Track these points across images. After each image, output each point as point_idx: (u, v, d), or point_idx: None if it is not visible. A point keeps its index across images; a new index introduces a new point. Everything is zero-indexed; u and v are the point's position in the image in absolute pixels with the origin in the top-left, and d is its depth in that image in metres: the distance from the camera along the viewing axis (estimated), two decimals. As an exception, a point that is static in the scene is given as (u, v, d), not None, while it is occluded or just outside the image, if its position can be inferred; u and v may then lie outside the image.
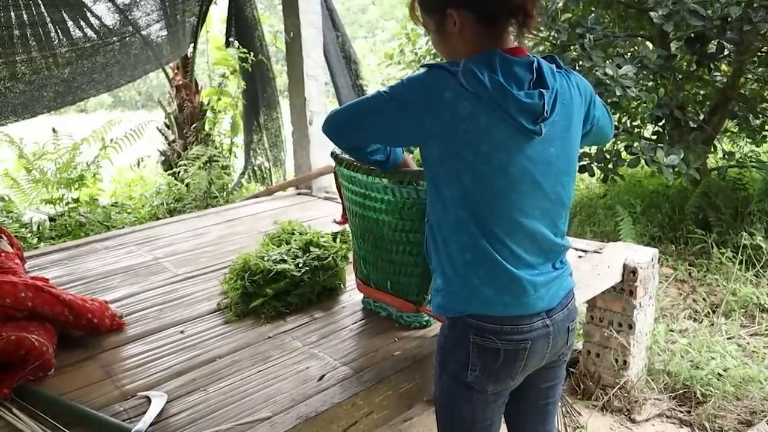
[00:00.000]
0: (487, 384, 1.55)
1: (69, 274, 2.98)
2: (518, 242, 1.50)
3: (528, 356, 1.54)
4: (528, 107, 1.40)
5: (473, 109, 1.39)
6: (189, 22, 5.76)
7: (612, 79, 3.80)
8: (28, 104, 4.65)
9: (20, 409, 1.76)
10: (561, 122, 1.49)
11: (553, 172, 1.50)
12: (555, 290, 1.58)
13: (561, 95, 1.48)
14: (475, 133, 1.41)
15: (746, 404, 2.89)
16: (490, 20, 1.46)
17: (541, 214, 1.52)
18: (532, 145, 1.44)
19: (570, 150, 1.55)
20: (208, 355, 2.09)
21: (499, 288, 1.50)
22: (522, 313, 1.51)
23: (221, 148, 6.82)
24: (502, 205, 1.47)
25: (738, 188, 5.10)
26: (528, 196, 1.48)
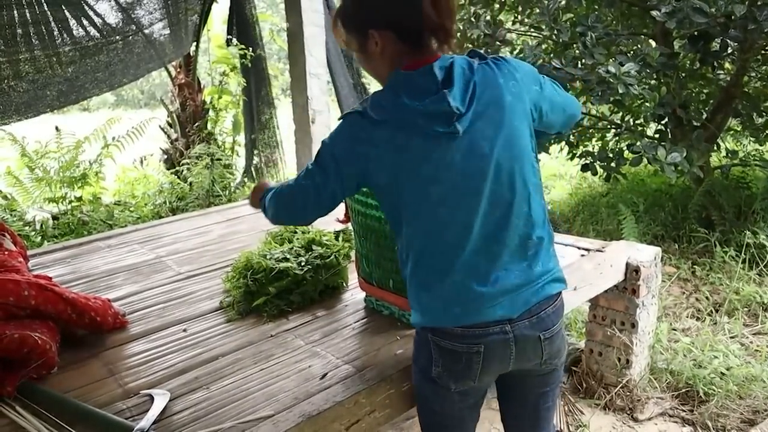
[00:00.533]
0: (448, 381, 1.60)
1: (72, 272, 2.99)
2: (463, 248, 1.50)
3: (485, 360, 1.54)
4: (435, 113, 1.44)
5: (388, 135, 1.48)
6: (191, 20, 5.77)
7: (614, 77, 3.78)
8: (31, 103, 4.65)
9: (23, 407, 1.77)
10: (489, 112, 1.47)
11: (499, 167, 1.48)
12: (521, 300, 1.52)
13: (481, 86, 1.47)
14: (398, 154, 1.48)
15: (749, 403, 2.88)
16: (411, 40, 1.50)
17: (494, 215, 1.50)
18: (455, 146, 1.46)
19: (512, 135, 1.49)
20: (211, 353, 2.09)
21: (448, 302, 1.53)
22: (473, 322, 1.52)
23: (223, 147, 6.83)
24: (441, 214, 1.49)
25: (741, 187, 5.09)
26: (470, 197, 1.48)
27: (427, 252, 1.54)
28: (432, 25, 1.48)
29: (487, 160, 1.47)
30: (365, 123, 1.50)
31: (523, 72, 1.57)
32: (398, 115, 1.47)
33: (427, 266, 1.55)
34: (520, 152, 1.52)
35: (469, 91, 1.46)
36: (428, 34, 1.49)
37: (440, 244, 1.51)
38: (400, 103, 1.46)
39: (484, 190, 1.48)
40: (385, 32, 1.49)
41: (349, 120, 1.55)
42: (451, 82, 1.46)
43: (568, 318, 3.75)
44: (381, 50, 1.52)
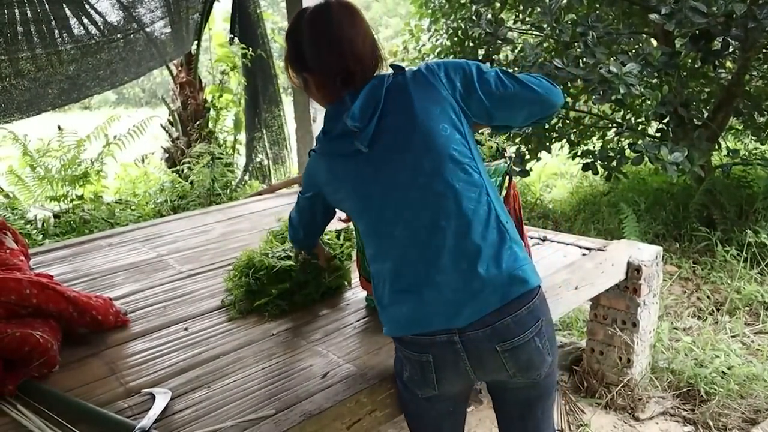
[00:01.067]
0: (415, 387, 1.63)
1: (73, 271, 2.99)
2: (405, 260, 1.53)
3: (437, 369, 1.53)
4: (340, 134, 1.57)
5: (327, 164, 1.66)
6: (192, 19, 5.77)
7: (616, 76, 3.78)
8: (33, 101, 4.65)
9: (25, 406, 1.77)
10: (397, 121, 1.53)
11: (416, 173, 1.50)
12: (468, 305, 1.47)
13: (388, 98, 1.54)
14: (335, 180, 1.66)
15: (750, 402, 2.88)
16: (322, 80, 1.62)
17: (419, 219, 1.50)
18: (367, 160, 1.54)
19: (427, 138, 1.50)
20: (212, 352, 2.09)
21: (395, 311, 1.55)
22: (417, 332, 1.52)
23: (225, 146, 6.83)
24: (381, 228, 1.57)
25: (743, 186, 5.08)
26: (401, 209, 1.52)
27: (378, 263, 1.61)
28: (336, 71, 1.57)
29: (401, 168, 1.51)
30: (315, 159, 1.71)
31: (442, 74, 1.57)
32: (325, 145, 1.65)
33: (378, 277, 1.61)
34: (438, 154, 1.50)
35: (371, 106, 1.52)
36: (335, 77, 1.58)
37: (384, 255, 1.58)
38: (323, 135, 1.65)
39: (406, 199, 1.51)
40: (311, 75, 1.63)
41: (310, 159, 1.75)
42: (352, 104, 1.54)
43: (569, 317, 3.75)
44: (316, 87, 1.64)
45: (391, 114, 1.53)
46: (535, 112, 1.66)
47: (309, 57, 1.60)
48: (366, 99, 1.53)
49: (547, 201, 6.45)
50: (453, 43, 5.92)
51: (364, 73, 1.58)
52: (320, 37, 1.57)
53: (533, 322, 1.50)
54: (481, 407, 3.00)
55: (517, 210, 2.15)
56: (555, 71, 4.03)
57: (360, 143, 1.52)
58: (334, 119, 1.60)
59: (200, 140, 6.65)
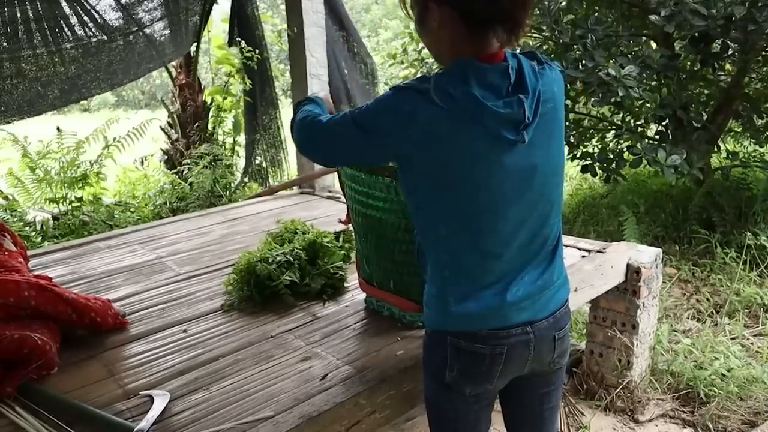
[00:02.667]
0: (464, 386, 1.56)
1: (72, 272, 2.98)
2: (503, 256, 1.48)
3: (506, 362, 1.52)
4: (506, 117, 1.35)
5: (450, 126, 1.35)
6: (192, 21, 5.77)
7: (615, 79, 3.79)
8: (33, 102, 4.65)
9: (23, 408, 1.77)
10: (545, 123, 1.43)
11: (540, 176, 1.45)
12: (543, 303, 1.53)
13: (544, 95, 1.41)
14: (455, 150, 1.37)
15: (750, 405, 2.88)
16: (473, 22, 1.37)
17: (530, 223, 1.49)
18: (514, 153, 1.39)
19: (556, 149, 1.50)
20: (211, 354, 2.09)
21: (476, 306, 1.49)
22: (499, 326, 1.50)
23: (224, 147, 6.83)
24: (485, 220, 1.44)
25: (742, 188, 5.09)
26: (513, 206, 1.44)
27: (463, 256, 1.48)
28: (503, 15, 1.37)
29: (535, 171, 1.44)
30: (427, 106, 1.35)
31: (563, 83, 1.55)
32: (467, 108, 1.34)
33: (460, 270, 1.49)
34: (560, 168, 1.54)
35: (534, 100, 1.38)
36: (493, 21, 1.37)
37: (478, 249, 1.46)
38: (472, 96, 1.33)
39: (526, 201, 1.46)
40: (445, 8, 1.37)
41: (407, 97, 1.38)
42: (524, 88, 1.37)
43: (569, 319, 3.75)
44: (438, 27, 1.40)
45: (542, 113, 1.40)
46: None
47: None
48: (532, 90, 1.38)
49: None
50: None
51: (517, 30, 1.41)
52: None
53: (569, 312, 1.66)
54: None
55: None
56: (554, 73, 4.03)
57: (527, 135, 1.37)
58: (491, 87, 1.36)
59: (200, 142, 6.65)
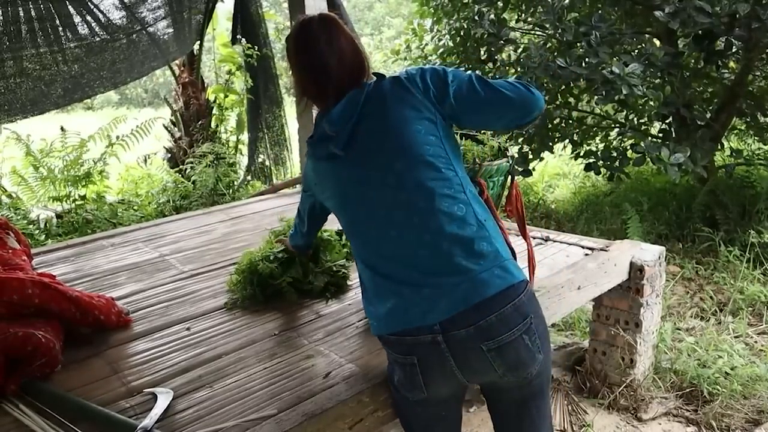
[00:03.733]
0: (404, 390, 1.62)
1: (76, 270, 2.99)
2: (387, 260, 1.55)
3: (423, 371, 1.52)
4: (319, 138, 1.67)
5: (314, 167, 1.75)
6: (195, 19, 5.77)
7: (618, 77, 3.77)
8: (36, 101, 4.65)
9: (27, 405, 1.77)
10: (372, 125, 1.59)
11: (383, 171, 1.56)
12: (446, 302, 1.46)
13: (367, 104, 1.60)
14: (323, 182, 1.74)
15: (754, 403, 2.87)
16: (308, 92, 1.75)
17: (392, 217, 1.54)
18: (344, 163, 1.62)
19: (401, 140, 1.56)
20: (214, 352, 2.09)
21: (379, 307, 1.56)
22: (401, 329, 1.52)
23: (227, 146, 6.83)
24: (360, 228, 1.64)
25: (746, 186, 5.07)
26: (372, 207, 1.58)
27: (359, 261, 1.65)
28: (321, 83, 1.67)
29: (373, 169, 1.57)
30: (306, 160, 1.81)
31: (418, 78, 1.62)
32: (310, 149, 1.73)
33: (362, 274, 1.65)
34: (410, 155, 1.55)
35: (348, 112, 1.60)
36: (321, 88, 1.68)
37: (363, 253, 1.63)
38: (309, 139, 1.74)
39: (378, 198, 1.56)
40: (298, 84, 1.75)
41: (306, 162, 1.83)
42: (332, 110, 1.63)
43: (572, 317, 3.75)
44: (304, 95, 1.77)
45: (367, 119, 1.60)
46: (511, 117, 1.68)
47: (294, 69, 1.72)
48: (345, 105, 1.62)
49: (549, 201, 6.44)
50: (455, 43, 5.91)
51: (341, 84, 1.65)
52: (301, 53, 1.68)
53: (521, 319, 1.48)
54: (484, 407, 2.99)
55: (520, 209, 2.14)
56: (558, 71, 4.03)
57: (335, 147, 1.61)
58: (318, 125, 1.69)
59: (203, 140, 6.66)
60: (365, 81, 1.66)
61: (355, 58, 1.67)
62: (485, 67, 5.63)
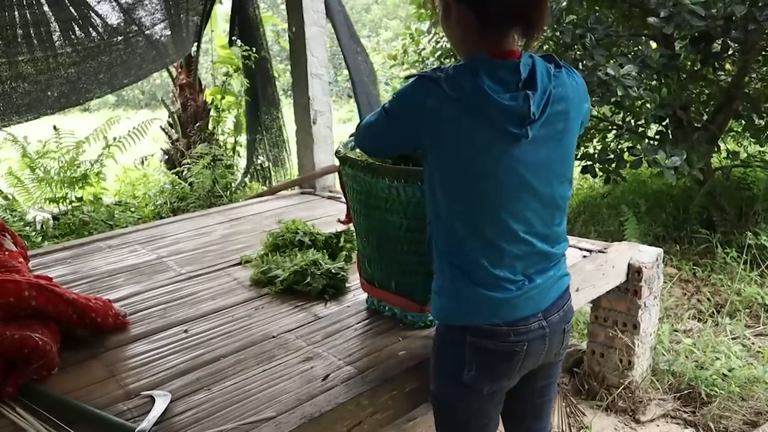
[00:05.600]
0: (482, 384, 1.57)
1: (73, 272, 2.98)
2: (508, 246, 1.50)
3: (525, 357, 1.55)
4: (511, 110, 1.39)
5: (456, 114, 1.42)
6: (193, 21, 5.76)
7: (614, 78, 3.78)
8: (32, 105, 4.64)
9: (24, 408, 1.76)
10: (554, 123, 1.46)
11: (545, 173, 1.49)
12: (547, 292, 1.57)
13: (555, 96, 1.44)
14: (460, 137, 1.43)
15: (751, 405, 2.88)
16: (487, 20, 1.44)
17: (533, 217, 1.51)
18: (520, 147, 1.43)
19: (565, 151, 1.53)
20: (212, 354, 2.09)
21: (487, 294, 1.50)
22: (515, 317, 1.52)
23: (225, 147, 6.82)
24: (490, 209, 1.48)
25: (742, 188, 5.08)
26: (518, 199, 1.48)
27: (467, 243, 1.50)
28: (516, 15, 1.43)
29: (543, 169, 1.49)
30: (436, 94, 1.43)
31: (582, 86, 1.57)
32: (474, 99, 1.40)
33: (468, 259, 1.51)
34: (568, 170, 1.57)
35: (544, 99, 1.42)
36: (507, 21, 1.43)
37: (480, 237, 1.49)
38: (480, 88, 1.39)
39: (530, 196, 1.49)
40: (464, 7, 1.45)
41: (421, 85, 1.47)
42: (533, 85, 1.42)
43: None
44: (457, 23, 1.49)
45: (552, 113, 1.44)
46: None
47: None
48: (542, 88, 1.42)
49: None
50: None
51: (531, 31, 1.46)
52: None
53: (571, 307, 1.69)
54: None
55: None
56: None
57: (531, 131, 1.41)
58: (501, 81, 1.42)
59: (200, 142, 6.65)
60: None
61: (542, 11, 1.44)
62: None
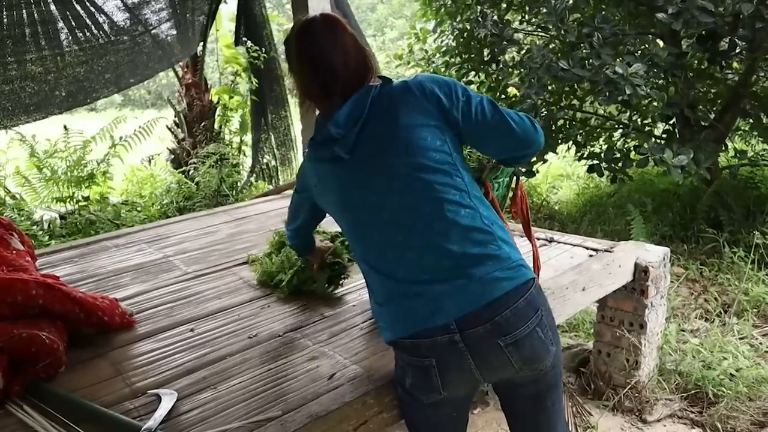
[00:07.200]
0: (419, 394, 1.60)
1: (80, 271, 2.99)
2: (394, 261, 1.55)
3: (440, 372, 1.52)
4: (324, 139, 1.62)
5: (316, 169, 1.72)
6: (198, 20, 5.77)
7: (621, 77, 3.77)
8: (40, 104, 4.66)
9: (31, 407, 1.77)
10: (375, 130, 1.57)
11: (387, 174, 1.55)
12: (458, 301, 1.47)
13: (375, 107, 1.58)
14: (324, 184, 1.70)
15: (759, 405, 2.86)
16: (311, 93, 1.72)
17: (399, 222, 1.54)
18: (348, 166, 1.59)
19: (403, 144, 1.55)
20: (219, 353, 2.09)
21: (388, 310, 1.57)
22: (413, 331, 1.51)
23: (231, 147, 6.84)
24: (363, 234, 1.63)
25: (750, 187, 5.06)
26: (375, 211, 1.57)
27: (365, 265, 1.64)
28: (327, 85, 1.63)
29: (378, 173, 1.57)
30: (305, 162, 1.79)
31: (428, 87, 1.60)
32: (312, 151, 1.70)
33: (370, 280, 1.65)
34: (414, 160, 1.55)
35: (356, 114, 1.57)
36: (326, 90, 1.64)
37: (368, 257, 1.62)
38: (311, 141, 1.71)
39: (382, 203, 1.56)
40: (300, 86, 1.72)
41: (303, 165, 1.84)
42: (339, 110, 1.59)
43: (576, 318, 3.74)
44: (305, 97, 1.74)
45: (373, 122, 1.58)
46: (510, 147, 1.71)
47: (296, 70, 1.69)
48: (351, 108, 1.59)
49: (553, 202, 6.43)
50: (458, 44, 5.91)
51: (347, 85, 1.62)
52: (304, 53, 1.65)
53: (533, 312, 1.51)
54: (488, 409, 2.99)
55: (525, 210, 2.14)
56: (561, 72, 4.02)
57: (340, 150, 1.58)
58: (321, 126, 1.67)
59: (206, 141, 6.67)
60: (370, 82, 1.64)
61: (360, 58, 1.64)
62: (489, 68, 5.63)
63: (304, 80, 1.68)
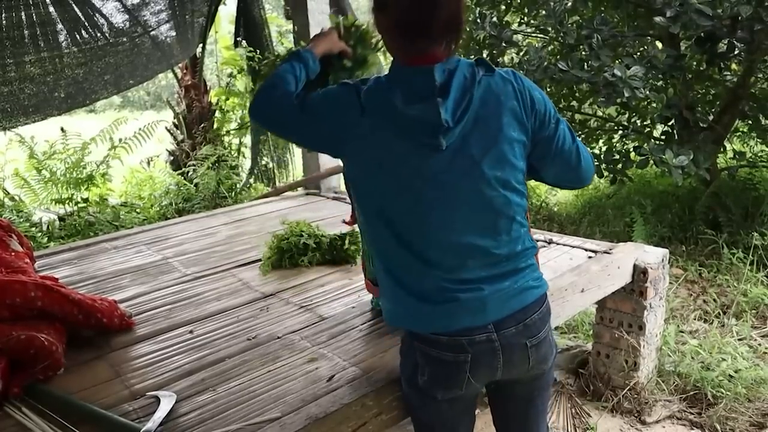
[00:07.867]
0: (435, 390, 1.59)
1: (79, 273, 2.99)
2: (437, 256, 1.49)
3: (472, 368, 1.53)
4: (423, 119, 1.41)
5: (372, 126, 1.46)
6: (198, 22, 5.77)
7: (621, 79, 3.77)
8: (39, 106, 4.65)
9: (30, 408, 1.77)
10: (480, 130, 1.44)
11: (475, 181, 1.45)
12: (499, 303, 1.50)
13: (479, 101, 1.43)
14: (377, 150, 1.47)
15: (758, 406, 2.86)
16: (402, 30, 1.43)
17: (464, 227, 1.48)
18: (437, 156, 1.43)
19: (498, 155, 1.46)
20: (218, 355, 2.09)
21: (420, 304, 1.52)
22: (454, 328, 1.50)
23: (230, 148, 6.84)
24: (413, 219, 1.49)
25: (749, 188, 5.06)
26: (443, 208, 1.47)
27: (394, 256, 1.54)
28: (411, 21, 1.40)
29: (472, 176, 1.46)
30: (356, 104, 1.47)
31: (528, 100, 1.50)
32: (386, 111, 1.44)
33: (397, 271, 1.55)
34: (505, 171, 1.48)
35: (463, 104, 1.42)
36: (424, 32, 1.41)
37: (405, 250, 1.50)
38: (390, 100, 1.43)
39: (459, 203, 1.47)
40: (382, 18, 1.46)
41: (345, 93, 1.51)
42: (447, 91, 1.41)
43: (575, 320, 3.74)
44: (383, 33, 1.51)
45: (475, 120, 1.44)
46: (566, 177, 1.69)
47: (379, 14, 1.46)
48: (461, 93, 1.42)
49: (552, 203, 6.43)
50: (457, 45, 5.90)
51: (448, 44, 1.44)
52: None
53: (549, 317, 1.63)
54: (487, 410, 2.99)
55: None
56: (560, 74, 4.03)
57: (444, 138, 1.41)
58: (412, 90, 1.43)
59: (205, 143, 6.67)
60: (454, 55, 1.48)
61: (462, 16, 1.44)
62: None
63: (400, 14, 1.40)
